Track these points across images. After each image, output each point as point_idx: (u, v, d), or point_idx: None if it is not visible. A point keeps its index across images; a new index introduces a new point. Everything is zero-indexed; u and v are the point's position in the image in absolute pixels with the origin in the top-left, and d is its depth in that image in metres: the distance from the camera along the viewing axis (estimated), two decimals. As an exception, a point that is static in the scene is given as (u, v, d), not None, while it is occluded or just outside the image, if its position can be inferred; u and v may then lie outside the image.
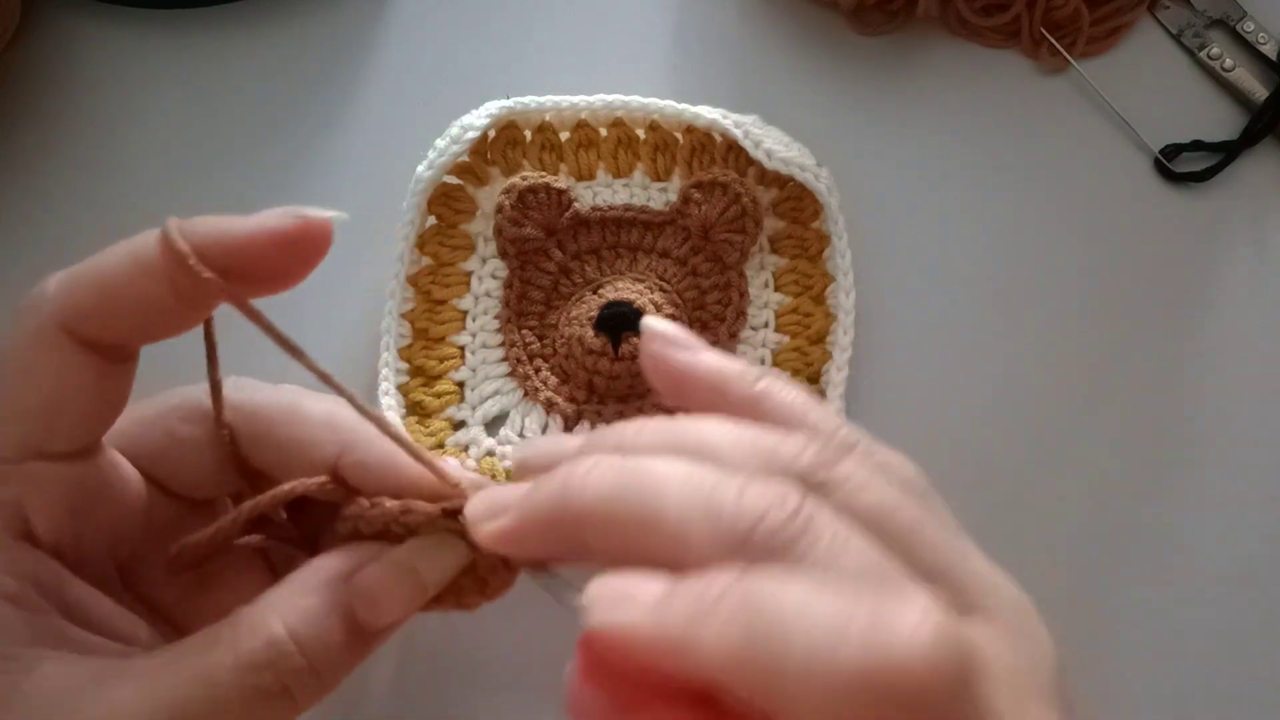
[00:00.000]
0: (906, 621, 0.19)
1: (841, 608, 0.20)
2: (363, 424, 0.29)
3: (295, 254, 0.27)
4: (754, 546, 0.22)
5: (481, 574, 0.28)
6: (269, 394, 0.30)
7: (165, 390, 0.31)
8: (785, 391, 0.27)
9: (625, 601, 0.22)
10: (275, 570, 0.32)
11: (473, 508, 0.27)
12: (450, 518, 0.27)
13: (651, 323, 0.29)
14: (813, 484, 0.24)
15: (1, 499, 0.26)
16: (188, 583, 0.30)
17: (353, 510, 0.28)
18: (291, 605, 0.26)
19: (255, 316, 0.26)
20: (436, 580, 0.28)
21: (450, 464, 0.29)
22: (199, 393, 0.30)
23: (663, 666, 0.21)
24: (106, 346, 0.26)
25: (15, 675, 0.24)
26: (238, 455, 0.30)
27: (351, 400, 0.27)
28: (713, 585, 0.21)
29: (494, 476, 0.39)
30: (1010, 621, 0.26)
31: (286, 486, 0.29)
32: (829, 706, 0.19)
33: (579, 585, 0.24)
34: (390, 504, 0.28)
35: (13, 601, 0.25)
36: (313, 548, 0.30)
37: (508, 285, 0.42)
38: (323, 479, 0.29)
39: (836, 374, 0.40)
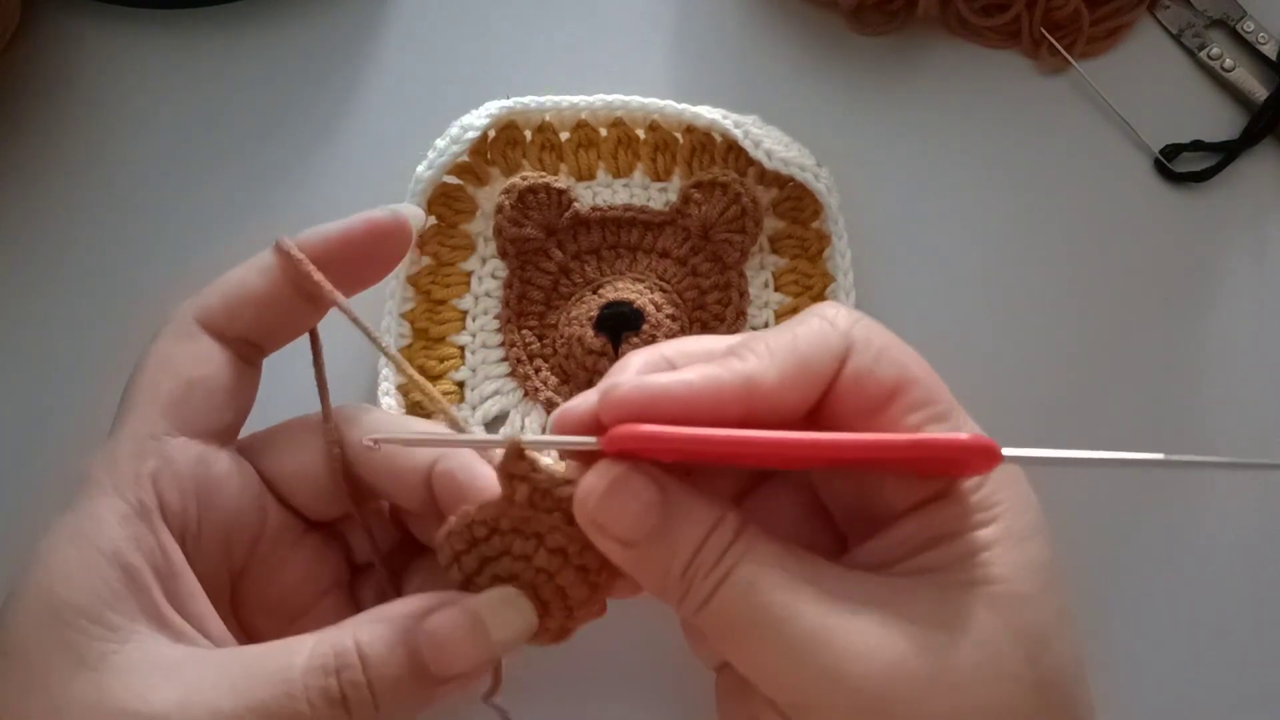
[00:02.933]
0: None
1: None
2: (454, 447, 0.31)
3: (385, 246, 0.32)
4: None
5: (567, 595, 0.28)
6: (378, 416, 0.33)
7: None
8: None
9: (651, 373, 0.27)
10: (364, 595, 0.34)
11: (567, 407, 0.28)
12: (537, 506, 0.27)
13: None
14: None
15: (141, 470, 0.28)
16: (288, 611, 0.32)
17: (457, 517, 0.28)
18: (367, 627, 0.27)
19: (348, 311, 0.31)
20: (503, 637, 0.28)
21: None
22: (318, 416, 0.32)
23: (712, 405, 0.26)
24: (235, 340, 0.31)
25: (113, 643, 0.26)
26: (348, 469, 0.31)
27: (441, 405, 0.32)
28: (720, 341, 0.28)
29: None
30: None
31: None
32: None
33: None
34: (486, 503, 0.28)
35: (128, 574, 0.27)
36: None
37: (508, 285, 0.42)
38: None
39: (836, 374, 0.40)
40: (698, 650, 0.30)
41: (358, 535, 0.34)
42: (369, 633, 0.27)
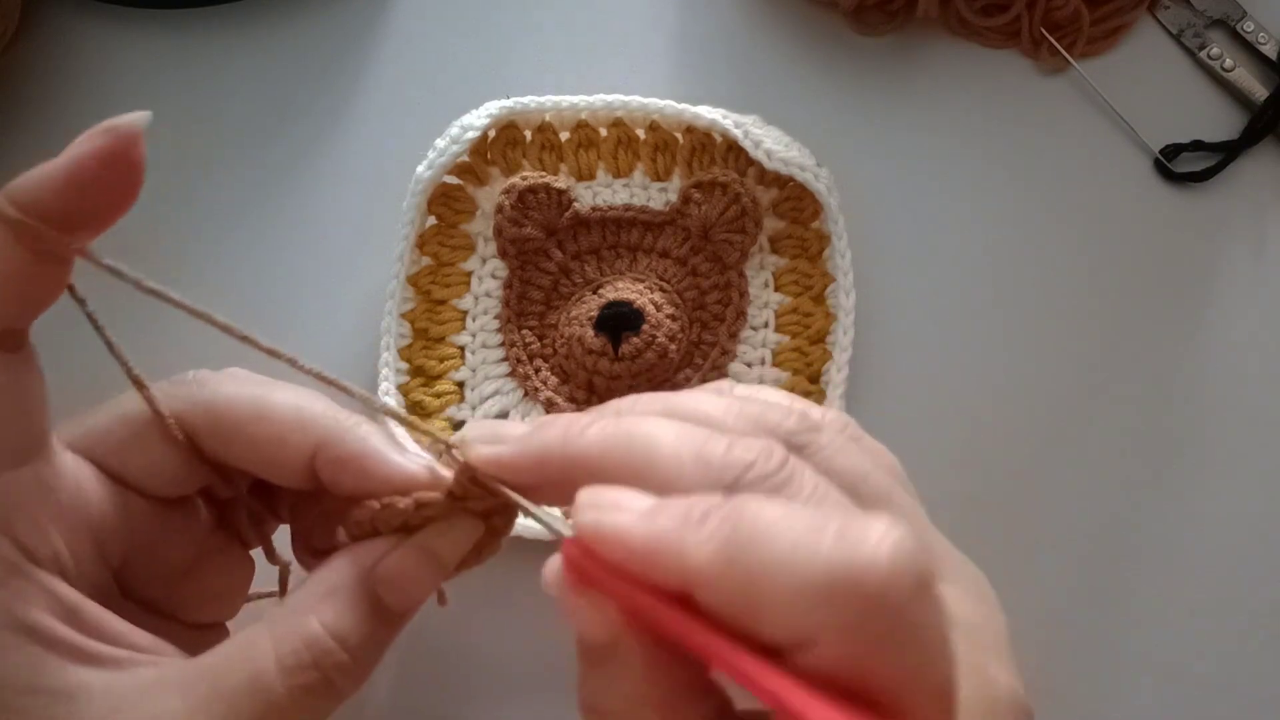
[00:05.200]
0: (874, 530, 0.21)
1: (817, 521, 0.21)
2: (331, 415, 0.29)
3: (119, 170, 0.27)
4: (743, 489, 0.23)
5: (478, 544, 0.29)
6: (233, 389, 0.29)
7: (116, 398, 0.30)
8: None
9: (616, 508, 0.23)
10: (247, 544, 0.33)
11: (472, 428, 0.27)
12: (460, 502, 0.28)
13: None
14: (796, 445, 0.26)
15: None
16: (173, 575, 0.31)
17: (363, 513, 0.28)
18: (322, 604, 0.27)
19: (93, 259, 0.26)
20: (455, 557, 0.28)
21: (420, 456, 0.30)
22: (154, 393, 0.29)
23: (648, 569, 0.22)
24: None
25: (64, 707, 0.25)
26: (198, 450, 0.29)
27: (292, 364, 0.27)
28: (699, 504, 0.22)
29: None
30: (970, 588, 0.28)
31: (403, 502, 0.28)
32: (800, 606, 0.20)
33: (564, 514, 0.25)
34: (403, 502, 0.28)
35: (30, 633, 0.25)
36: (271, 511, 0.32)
37: (508, 285, 0.42)
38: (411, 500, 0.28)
39: (836, 374, 0.40)
40: None
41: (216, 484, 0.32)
42: (331, 612, 0.27)
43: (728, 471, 0.24)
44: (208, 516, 0.32)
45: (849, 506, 0.25)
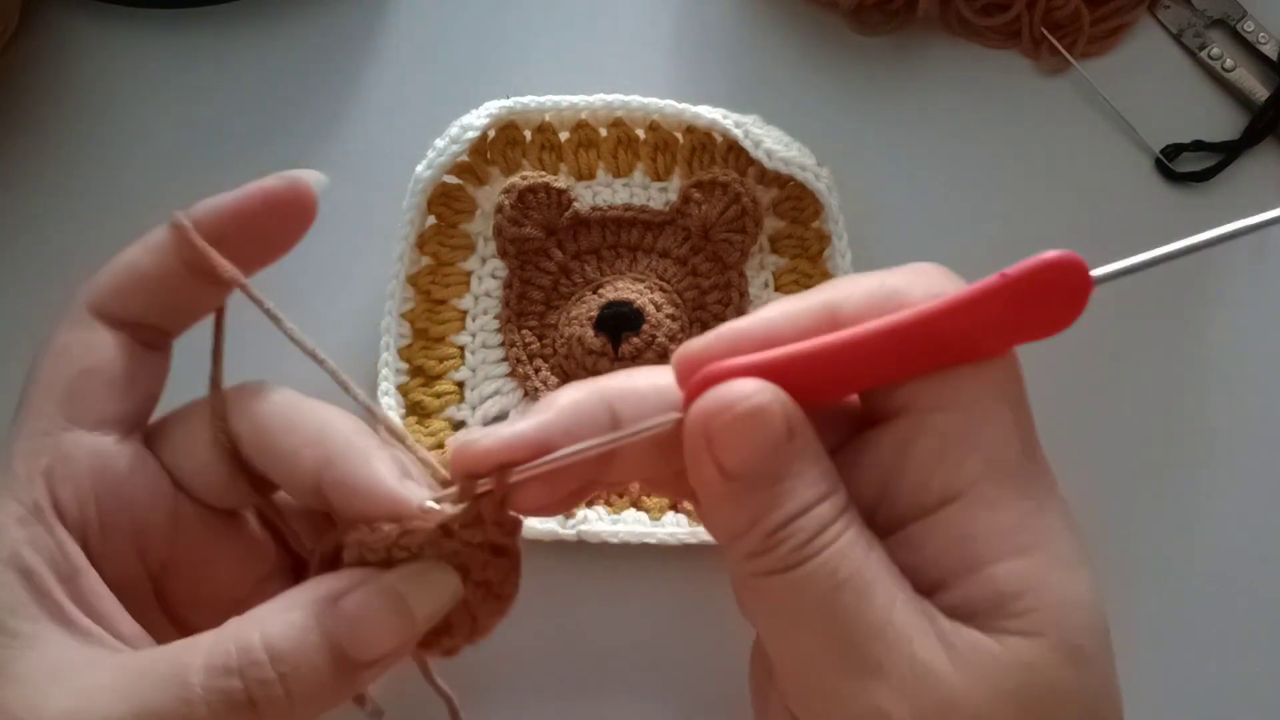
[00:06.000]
0: None
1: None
2: (345, 435, 0.28)
3: (286, 215, 0.29)
4: None
5: (472, 608, 0.28)
6: (274, 399, 0.29)
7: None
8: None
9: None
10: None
11: (457, 438, 0.27)
12: (449, 535, 0.26)
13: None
14: None
15: (34, 469, 0.27)
16: (223, 603, 0.29)
17: (354, 537, 0.27)
18: (275, 617, 0.26)
19: (245, 289, 0.28)
20: (426, 612, 0.27)
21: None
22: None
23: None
24: (133, 325, 0.29)
25: (15, 650, 0.25)
26: (240, 461, 0.29)
27: (335, 376, 0.29)
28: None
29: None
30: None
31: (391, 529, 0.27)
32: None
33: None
34: (388, 528, 0.27)
35: (28, 577, 0.26)
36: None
37: (508, 285, 0.42)
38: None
39: (837, 374, 0.40)
40: (745, 605, 0.27)
41: (295, 519, 0.31)
42: (277, 623, 0.25)
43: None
44: (272, 550, 0.31)
45: None
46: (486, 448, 0.26)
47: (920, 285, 0.26)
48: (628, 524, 0.38)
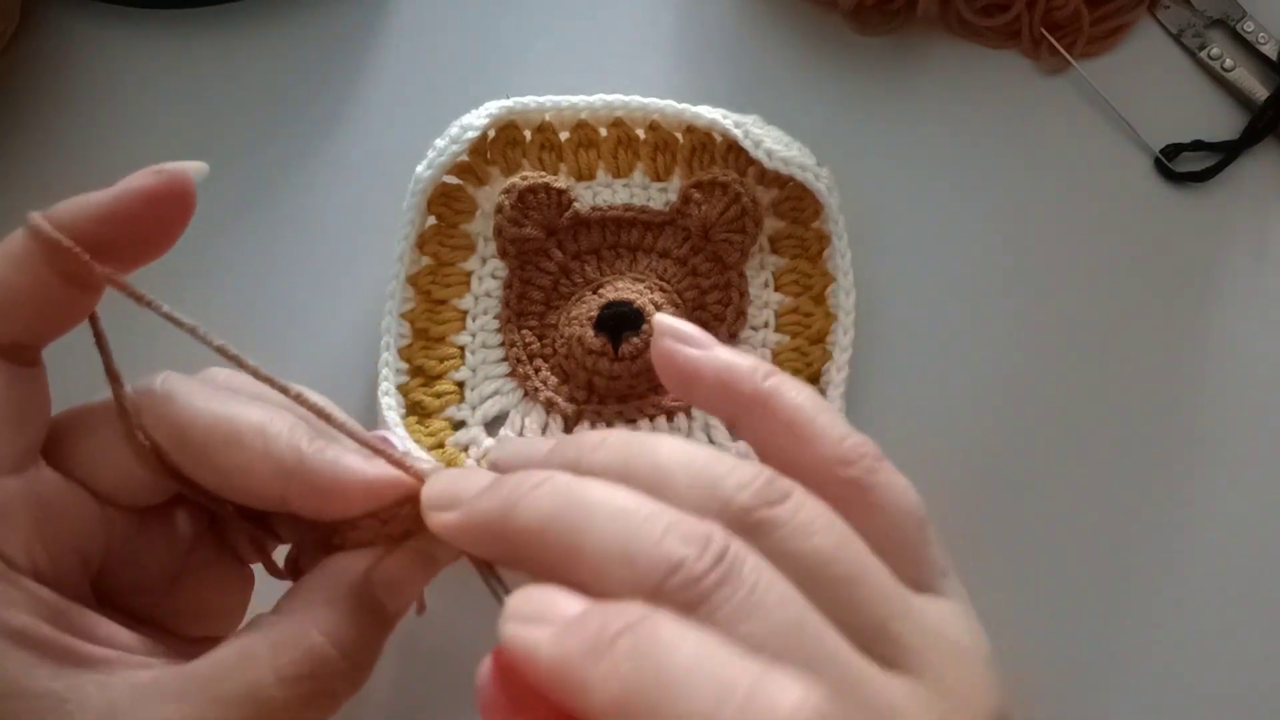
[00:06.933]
0: (785, 700, 0.19)
1: (728, 677, 0.20)
2: (295, 443, 0.28)
3: (166, 213, 0.27)
4: (666, 594, 0.22)
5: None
6: (202, 405, 0.28)
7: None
8: (794, 392, 0.27)
9: (538, 619, 0.22)
10: (244, 559, 0.32)
11: (428, 492, 0.27)
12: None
13: (663, 319, 0.29)
14: (750, 523, 0.24)
15: None
16: (156, 585, 0.30)
17: (364, 534, 0.29)
18: (322, 611, 0.27)
19: (135, 294, 0.26)
20: (449, 555, 0.29)
21: (397, 447, 0.30)
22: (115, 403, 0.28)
23: (553, 696, 0.21)
24: (8, 348, 0.26)
25: (51, 712, 0.24)
26: (165, 464, 0.28)
27: (254, 373, 0.27)
28: (615, 620, 0.21)
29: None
30: (942, 676, 0.25)
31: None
32: None
33: (515, 585, 0.24)
34: (406, 509, 0.28)
35: (17, 639, 0.25)
36: (266, 528, 0.31)
37: (508, 285, 0.42)
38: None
39: (836, 374, 0.40)
40: None
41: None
42: (330, 620, 0.27)
43: (654, 572, 0.22)
44: (193, 525, 0.31)
45: (795, 626, 0.22)
46: (437, 527, 0.26)
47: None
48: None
